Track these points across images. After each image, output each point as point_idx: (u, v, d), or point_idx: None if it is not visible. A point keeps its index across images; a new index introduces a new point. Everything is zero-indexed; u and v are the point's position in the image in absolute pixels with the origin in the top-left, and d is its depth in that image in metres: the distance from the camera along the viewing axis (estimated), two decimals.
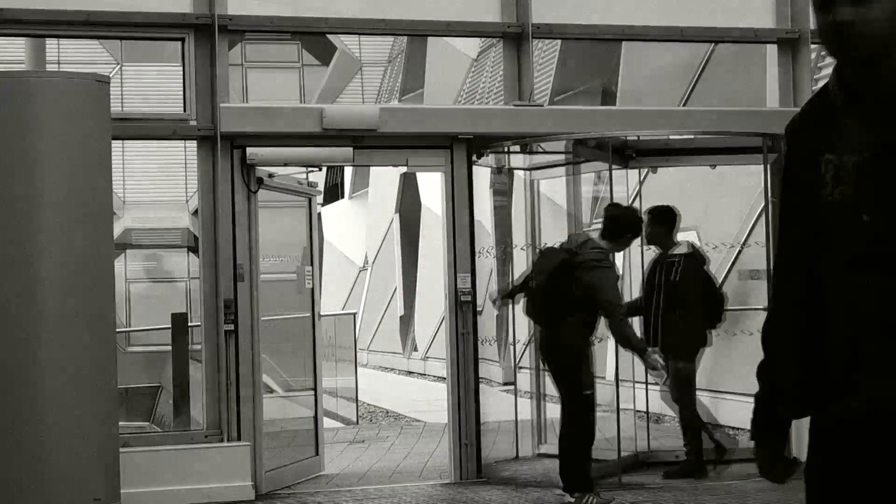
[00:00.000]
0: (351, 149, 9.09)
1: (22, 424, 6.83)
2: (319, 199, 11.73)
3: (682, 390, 9.24)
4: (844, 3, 2.78)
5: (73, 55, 24.45)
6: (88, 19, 8.71)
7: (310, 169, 9.99)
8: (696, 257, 9.23)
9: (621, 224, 8.27)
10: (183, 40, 8.92)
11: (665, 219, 9.25)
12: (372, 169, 26.32)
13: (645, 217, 8.93)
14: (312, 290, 9.94)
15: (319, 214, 35.48)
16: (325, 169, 33.27)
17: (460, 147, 9.34)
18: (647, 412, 10.20)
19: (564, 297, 7.97)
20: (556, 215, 16.17)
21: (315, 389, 9.94)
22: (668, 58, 15.35)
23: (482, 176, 9.58)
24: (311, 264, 9.99)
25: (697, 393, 9.50)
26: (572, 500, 7.97)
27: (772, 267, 9.33)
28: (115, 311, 7.24)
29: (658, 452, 9.91)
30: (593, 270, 7.96)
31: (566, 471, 8.09)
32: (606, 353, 13.04)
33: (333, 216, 32.95)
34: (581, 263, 7.96)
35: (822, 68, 12.22)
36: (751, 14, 9.99)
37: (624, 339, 8.21)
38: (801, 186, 2.86)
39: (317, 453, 9.81)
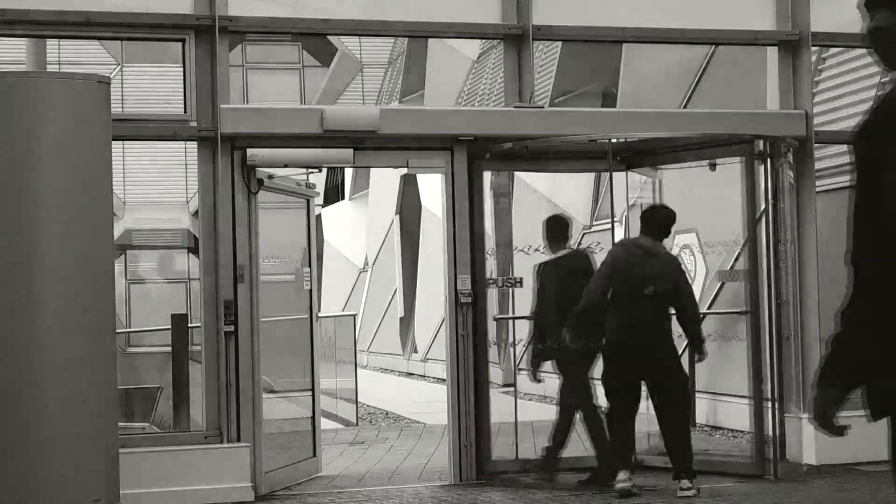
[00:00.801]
0: (351, 150, 9.09)
1: (22, 425, 6.83)
2: (318, 200, 11.73)
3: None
4: (882, 9, 2.83)
5: (73, 56, 24.44)
6: (89, 20, 8.71)
7: (310, 170, 9.99)
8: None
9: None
10: (184, 41, 8.92)
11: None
12: (372, 170, 26.33)
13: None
14: (310, 291, 9.93)
15: (319, 216, 35.63)
16: (325, 170, 33.36)
17: (461, 148, 9.34)
18: (648, 414, 10.19)
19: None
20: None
21: (313, 391, 9.93)
22: (669, 60, 15.35)
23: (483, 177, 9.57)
24: (310, 266, 9.98)
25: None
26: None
27: (771, 267, 9.36)
28: (115, 312, 7.24)
29: (658, 454, 9.89)
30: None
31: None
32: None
33: (334, 217, 32.95)
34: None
35: (822, 71, 12.22)
36: (751, 16, 9.99)
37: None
38: (867, 193, 2.95)
39: (314, 454, 9.80)
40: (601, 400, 8.95)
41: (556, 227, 9.43)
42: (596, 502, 8.35)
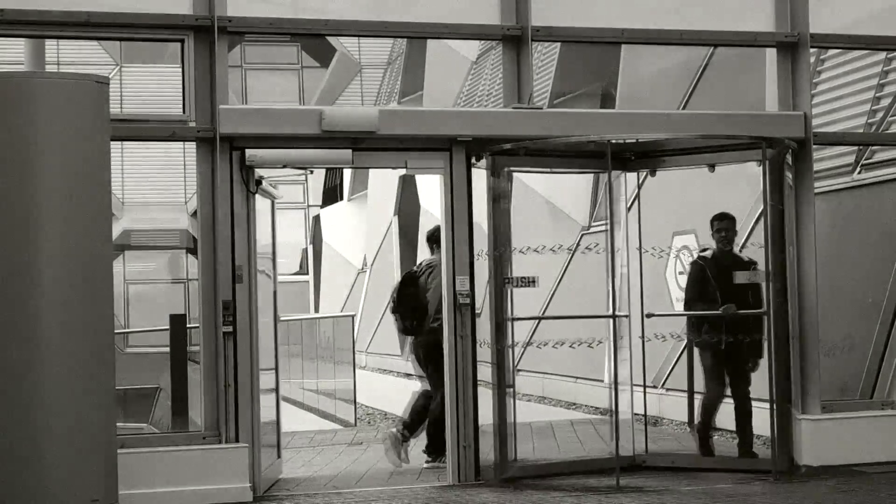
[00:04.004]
0: (350, 151, 9.09)
1: (20, 425, 6.83)
2: (314, 202, 11.74)
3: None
4: None
5: (72, 56, 24.45)
6: (88, 20, 8.71)
7: (304, 171, 9.98)
8: None
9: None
10: (182, 41, 8.92)
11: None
12: (371, 171, 26.34)
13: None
14: (275, 293, 9.89)
15: (318, 216, 35.60)
16: (324, 171, 33.38)
17: (459, 149, 9.34)
18: (646, 415, 10.20)
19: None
20: (554, 216, 16.20)
21: (276, 392, 9.86)
22: (668, 61, 15.36)
23: (481, 178, 9.57)
24: (273, 268, 9.95)
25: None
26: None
27: (770, 268, 9.35)
28: (113, 313, 7.24)
29: (656, 455, 9.90)
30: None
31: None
32: (604, 357, 13.04)
33: (332, 218, 32.95)
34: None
35: (821, 72, 12.23)
36: (750, 17, 9.99)
37: None
38: None
39: (279, 456, 9.74)
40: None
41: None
42: (590, 502, 8.35)
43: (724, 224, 9.85)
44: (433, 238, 10.23)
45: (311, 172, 9.84)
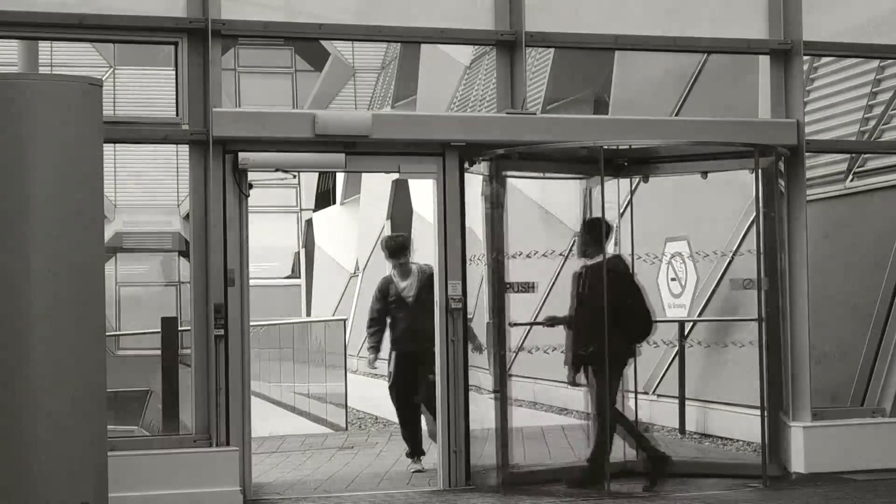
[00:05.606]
0: (343, 155, 9.09)
1: (10, 428, 6.82)
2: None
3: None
4: None
5: (65, 58, 24.44)
6: (82, 22, 8.70)
7: (286, 174, 9.94)
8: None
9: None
10: (176, 44, 8.92)
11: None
12: (364, 175, 26.32)
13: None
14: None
15: (310, 220, 35.55)
16: (317, 175, 33.38)
17: (452, 154, 9.34)
18: (636, 421, 10.20)
19: None
20: (548, 222, 16.20)
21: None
22: (661, 67, 15.37)
23: (474, 183, 9.57)
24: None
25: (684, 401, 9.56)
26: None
27: (762, 275, 9.36)
28: (104, 315, 7.23)
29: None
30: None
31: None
32: None
33: (325, 222, 32.94)
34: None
35: (814, 80, 12.25)
36: (744, 24, 10.00)
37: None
38: None
39: None
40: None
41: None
42: None
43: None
44: None
45: (295, 177, 9.86)
